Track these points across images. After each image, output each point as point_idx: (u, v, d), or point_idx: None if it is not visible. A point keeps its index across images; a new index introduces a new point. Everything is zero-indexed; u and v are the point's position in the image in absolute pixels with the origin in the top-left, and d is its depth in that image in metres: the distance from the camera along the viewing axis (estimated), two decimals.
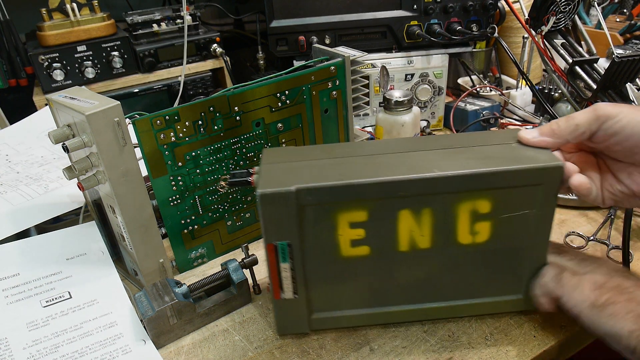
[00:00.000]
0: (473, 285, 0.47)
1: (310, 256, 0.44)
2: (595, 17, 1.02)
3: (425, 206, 0.42)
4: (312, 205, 0.42)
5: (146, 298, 0.48)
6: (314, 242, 0.44)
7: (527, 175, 0.41)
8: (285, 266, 0.44)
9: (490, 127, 0.86)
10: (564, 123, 0.42)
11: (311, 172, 0.43)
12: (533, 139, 0.44)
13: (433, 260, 0.45)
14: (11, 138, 0.78)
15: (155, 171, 0.52)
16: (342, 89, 0.62)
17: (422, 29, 0.85)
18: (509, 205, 0.43)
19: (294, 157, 0.46)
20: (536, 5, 0.64)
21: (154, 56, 0.92)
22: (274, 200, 0.41)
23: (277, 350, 0.47)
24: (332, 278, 0.46)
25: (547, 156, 0.42)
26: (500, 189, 0.42)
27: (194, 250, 0.59)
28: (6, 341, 0.47)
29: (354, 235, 0.43)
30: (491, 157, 0.43)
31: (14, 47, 0.90)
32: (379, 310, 0.48)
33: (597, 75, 0.62)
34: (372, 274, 0.46)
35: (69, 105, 0.46)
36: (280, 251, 0.43)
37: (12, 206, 0.61)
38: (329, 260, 0.45)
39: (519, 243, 0.45)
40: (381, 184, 0.41)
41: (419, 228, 0.43)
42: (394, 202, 0.42)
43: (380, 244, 0.44)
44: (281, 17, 0.84)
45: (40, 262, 0.54)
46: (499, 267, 0.46)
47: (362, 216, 0.43)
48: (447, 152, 0.44)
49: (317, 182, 0.41)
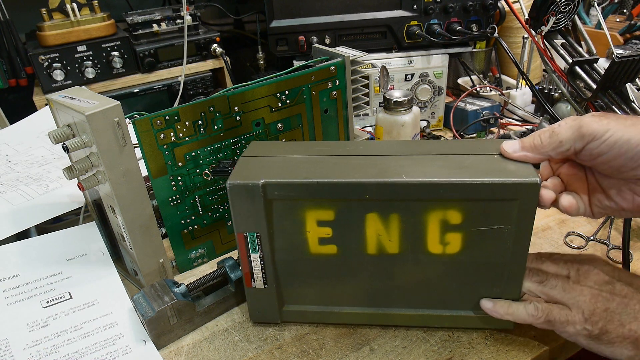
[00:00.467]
0: (443, 296, 0.46)
1: (279, 250, 0.45)
2: (595, 17, 1.03)
3: (393, 211, 0.42)
4: (279, 200, 0.42)
5: (145, 299, 0.48)
6: (282, 236, 0.44)
7: (499, 190, 0.39)
8: (255, 256, 0.45)
9: (490, 127, 0.86)
10: (547, 139, 0.40)
11: (283, 167, 0.43)
12: (514, 152, 0.41)
13: (402, 266, 0.45)
14: (11, 138, 0.78)
15: (155, 171, 0.52)
16: (342, 89, 0.62)
17: (422, 29, 0.85)
18: (481, 218, 0.41)
19: (275, 152, 0.47)
20: (536, 5, 0.64)
21: (154, 56, 0.92)
22: (242, 191, 0.42)
23: (277, 350, 0.47)
24: (301, 273, 0.47)
25: (525, 171, 0.40)
26: (471, 200, 0.41)
27: (194, 250, 0.59)
28: (6, 342, 0.47)
29: (322, 234, 0.44)
30: (465, 167, 0.41)
31: (14, 47, 0.90)
32: (348, 310, 0.48)
33: (597, 75, 0.62)
34: (340, 273, 0.46)
35: (69, 105, 0.46)
36: (250, 241, 0.44)
37: (12, 206, 0.61)
38: (298, 256, 0.45)
39: (493, 258, 0.43)
40: (346, 185, 0.41)
41: (387, 233, 0.43)
42: (361, 204, 0.42)
43: (348, 244, 0.44)
44: (281, 17, 0.84)
45: (40, 263, 0.54)
46: (472, 280, 0.45)
47: (329, 215, 0.43)
48: (422, 159, 0.43)
49: (284, 178, 0.42)
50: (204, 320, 0.51)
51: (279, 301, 0.48)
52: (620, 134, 0.37)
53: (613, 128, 0.37)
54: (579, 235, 0.60)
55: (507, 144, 0.42)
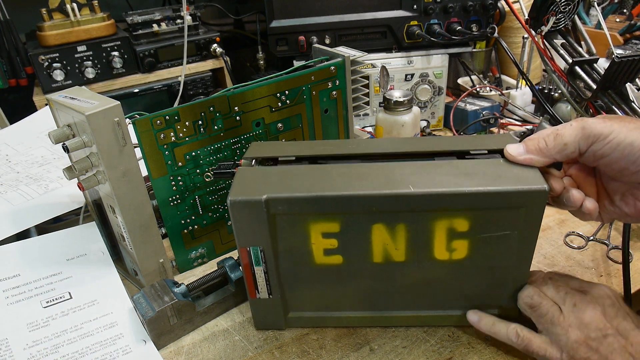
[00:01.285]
0: (445, 297, 0.46)
1: (284, 261, 0.44)
2: (595, 17, 1.02)
3: (400, 221, 0.41)
4: (283, 214, 0.41)
5: (145, 299, 0.48)
6: (286, 248, 0.43)
7: (507, 197, 0.39)
8: (259, 269, 0.44)
9: (490, 127, 0.86)
10: (552, 141, 0.39)
11: (285, 180, 0.42)
12: (519, 156, 0.41)
13: (407, 272, 0.45)
14: (11, 138, 0.78)
15: (155, 171, 0.52)
16: (342, 89, 0.62)
17: (422, 29, 0.85)
18: (488, 225, 0.41)
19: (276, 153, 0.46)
20: (536, 5, 0.64)
21: (154, 56, 0.92)
22: (244, 208, 0.40)
23: (277, 350, 0.47)
24: (306, 282, 0.46)
25: (532, 177, 0.39)
26: (479, 209, 0.40)
27: (194, 250, 0.59)
28: (7, 341, 0.47)
29: (327, 245, 0.43)
30: (472, 175, 0.40)
31: (14, 47, 0.90)
32: (351, 314, 0.48)
33: (597, 75, 0.62)
34: (345, 280, 0.46)
35: (69, 105, 0.46)
36: (254, 255, 0.43)
37: (12, 206, 0.61)
38: (303, 267, 0.45)
39: (499, 262, 0.43)
40: (352, 198, 0.40)
41: (393, 242, 0.42)
42: (366, 215, 0.41)
43: (354, 254, 0.44)
44: (281, 17, 0.84)
45: (40, 263, 0.54)
46: (475, 283, 0.45)
47: (334, 227, 0.42)
48: (427, 165, 0.42)
49: (287, 192, 0.40)
50: (204, 320, 0.51)
51: (284, 309, 0.48)
52: (624, 136, 0.37)
53: (617, 130, 0.37)
54: (579, 235, 0.60)
55: (512, 148, 0.42)
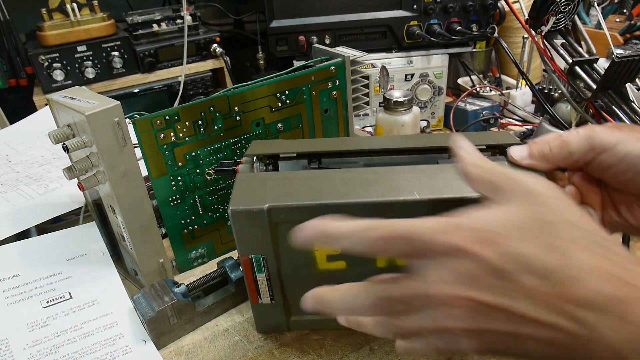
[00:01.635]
0: None
1: (286, 267, 0.44)
2: (595, 17, 1.02)
3: None
4: (285, 222, 0.41)
5: (145, 299, 0.48)
6: (289, 255, 0.43)
7: None
8: (261, 276, 0.44)
9: (490, 127, 0.86)
10: (557, 148, 0.38)
11: (287, 187, 0.42)
12: (522, 160, 0.40)
13: None
14: (11, 138, 0.78)
15: (155, 171, 0.52)
16: (342, 89, 0.62)
17: (422, 29, 0.85)
18: None
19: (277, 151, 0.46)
20: (536, 5, 0.64)
21: (154, 56, 0.92)
22: (246, 217, 0.40)
23: (277, 350, 0.47)
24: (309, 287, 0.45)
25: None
26: None
27: (194, 250, 0.59)
28: (6, 342, 0.47)
29: (330, 251, 0.43)
30: None
31: (14, 47, 0.90)
32: None
33: (597, 75, 0.62)
34: None
35: (69, 105, 0.46)
36: (256, 264, 0.43)
37: (12, 206, 0.61)
38: (306, 272, 0.44)
39: None
40: (356, 206, 0.39)
41: None
42: None
43: (357, 260, 0.43)
44: (281, 17, 0.84)
45: (40, 263, 0.54)
46: None
47: None
48: (430, 170, 0.42)
49: (289, 201, 0.40)
50: (204, 320, 0.51)
51: (286, 313, 0.47)
52: (632, 147, 0.36)
53: (624, 140, 0.36)
54: None
55: (515, 150, 0.41)
